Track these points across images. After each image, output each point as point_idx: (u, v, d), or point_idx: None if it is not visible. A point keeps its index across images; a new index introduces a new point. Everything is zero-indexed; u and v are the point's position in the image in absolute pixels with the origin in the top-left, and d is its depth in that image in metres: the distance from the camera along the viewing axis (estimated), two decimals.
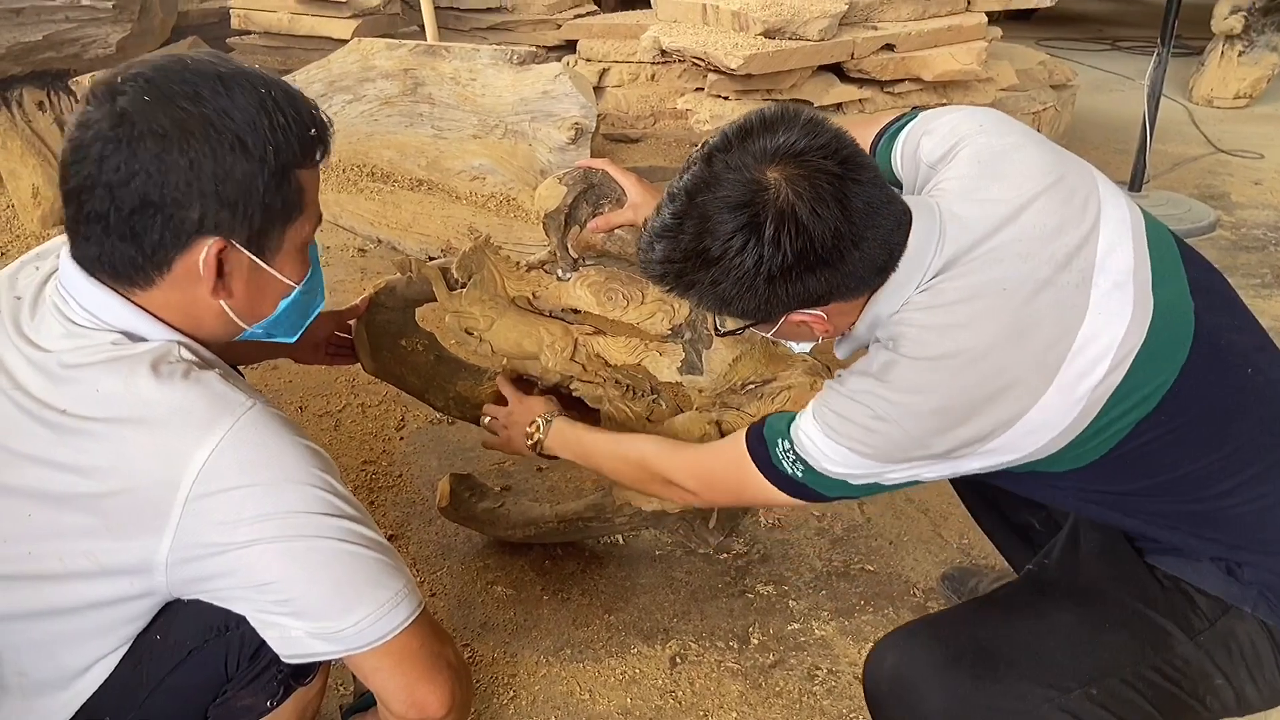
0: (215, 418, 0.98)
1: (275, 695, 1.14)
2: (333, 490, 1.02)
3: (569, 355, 1.68)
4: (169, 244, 1.00)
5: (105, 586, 1.00)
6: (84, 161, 0.97)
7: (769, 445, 1.23)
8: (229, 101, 0.99)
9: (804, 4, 3.35)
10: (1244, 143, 4.77)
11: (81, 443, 0.97)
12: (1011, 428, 1.09)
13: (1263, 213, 3.93)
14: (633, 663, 1.70)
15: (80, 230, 1.00)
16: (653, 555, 1.96)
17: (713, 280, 1.11)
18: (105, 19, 3.26)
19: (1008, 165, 1.17)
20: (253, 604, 1.00)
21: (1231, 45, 5.52)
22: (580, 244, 1.63)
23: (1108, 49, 7.01)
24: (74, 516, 0.97)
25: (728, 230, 1.07)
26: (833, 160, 1.07)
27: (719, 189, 1.08)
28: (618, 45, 4.63)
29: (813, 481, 1.19)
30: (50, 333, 1.02)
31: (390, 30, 4.92)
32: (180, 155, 0.97)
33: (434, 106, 3.81)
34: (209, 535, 0.97)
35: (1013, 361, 1.07)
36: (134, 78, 0.99)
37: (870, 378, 1.14)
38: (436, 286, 1.68)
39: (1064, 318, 1.08)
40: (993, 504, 1.63)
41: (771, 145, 1.08)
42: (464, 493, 1.92)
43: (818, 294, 1.12)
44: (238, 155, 0.99)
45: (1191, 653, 1.15)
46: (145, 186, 0.97)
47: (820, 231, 1.06)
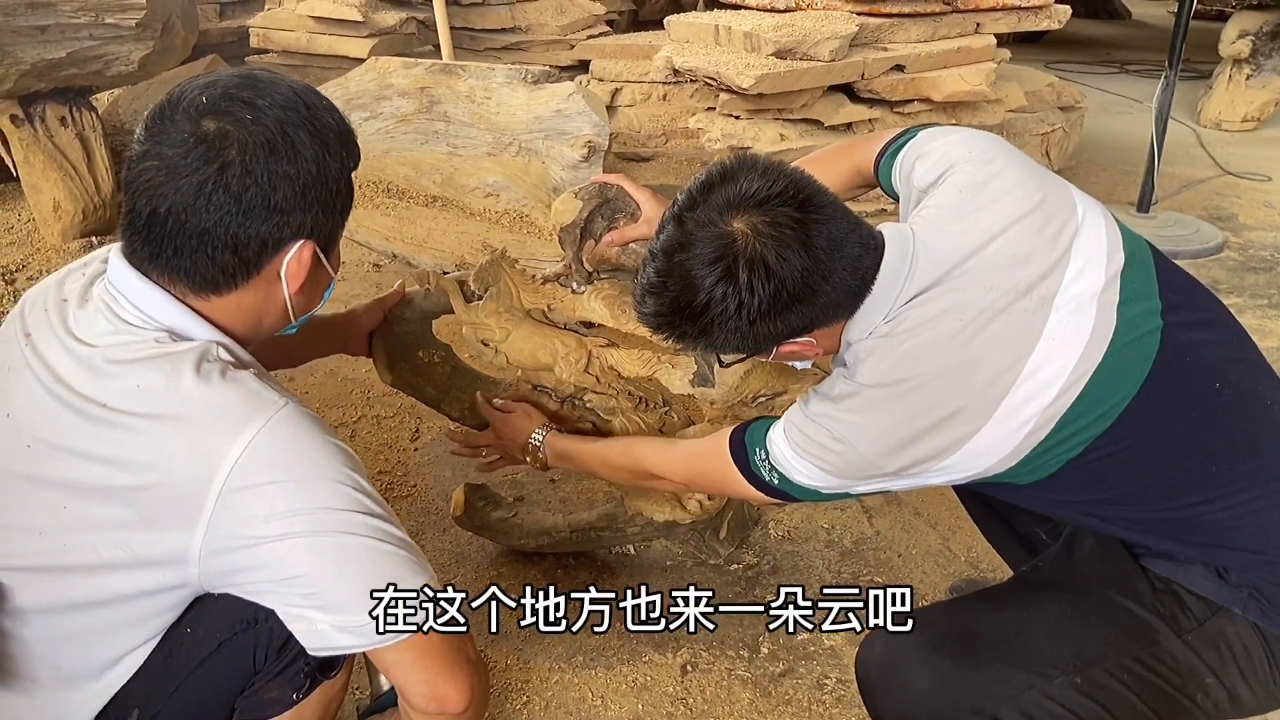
0: (250, 415, 1.01)
1: (301, 688, 1.16)
2: (361, 489, 1.05)
3: (583, 367, 1.71)
4: (269, 250, 1.06)
5: (140, 578, 1.03)
6: (180, 179, 1.01)
7: (748, 451, 1.30)
8: (307, 108, 1.06)
9: (815, 25, 3.40)
10: (1252, 165, 4.80)
11: (120, 436, 1.00)
12: (960, 449, 1.15)
13: (1271, 234, 3.95)
14: (644, 670, 1.72)
15: (171, 246, 1.04)
16: (664, 565, 1.98)
17: (702, 330, 1.19)
18: (128, 37, 3.31)
19: (987, 196, 1.22)
20: (281, 597, 1.03)
21: (1239, 69, 5.55)
22: (595, 257, 1.67)
23: (1116, 72, 7.05)
24: (110, 509, 1.00)
25: (707, 285, 1.14)
26: (792, 205, 1.14)
27: (693, 248, 1.15)
28: (630, 65, 4.69)
29: (786, 487, 1.27)
30: (95, 329, 1.06)
31: (406, 50, 4.99)
32: (288, 164, 1.03)
33: (449, 124, 3.86)
34: (241, 528, 1.00)
35: (956, 390, 1.14)
36: (217, 98, 1.03)
37: (829, 401, 1.22)
38: (453, 299, 1.71)
39: (1015, 346, 1.13)
40: (999, 516, 1.64)
41: (734, 195, 1.15)
42: (478, 502, 1.94)
43: (799, 325, 1.19)
44: (328, 158, 1.07)
45: (1179, 649, 1.17)
46: (255, 200, 1.02)
47: (789, 274, 1.13)
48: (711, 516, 1.78)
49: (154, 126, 1.04)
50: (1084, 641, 1.18)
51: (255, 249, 1.05)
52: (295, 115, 1.05)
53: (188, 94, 1.04)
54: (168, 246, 1.04)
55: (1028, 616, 1.23)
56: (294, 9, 5.06)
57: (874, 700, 1.24)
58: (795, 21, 3.45)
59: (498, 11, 5.27)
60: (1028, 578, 1.36)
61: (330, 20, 4.91)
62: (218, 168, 1.01)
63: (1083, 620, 1.20)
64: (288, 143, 1.03)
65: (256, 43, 5.19)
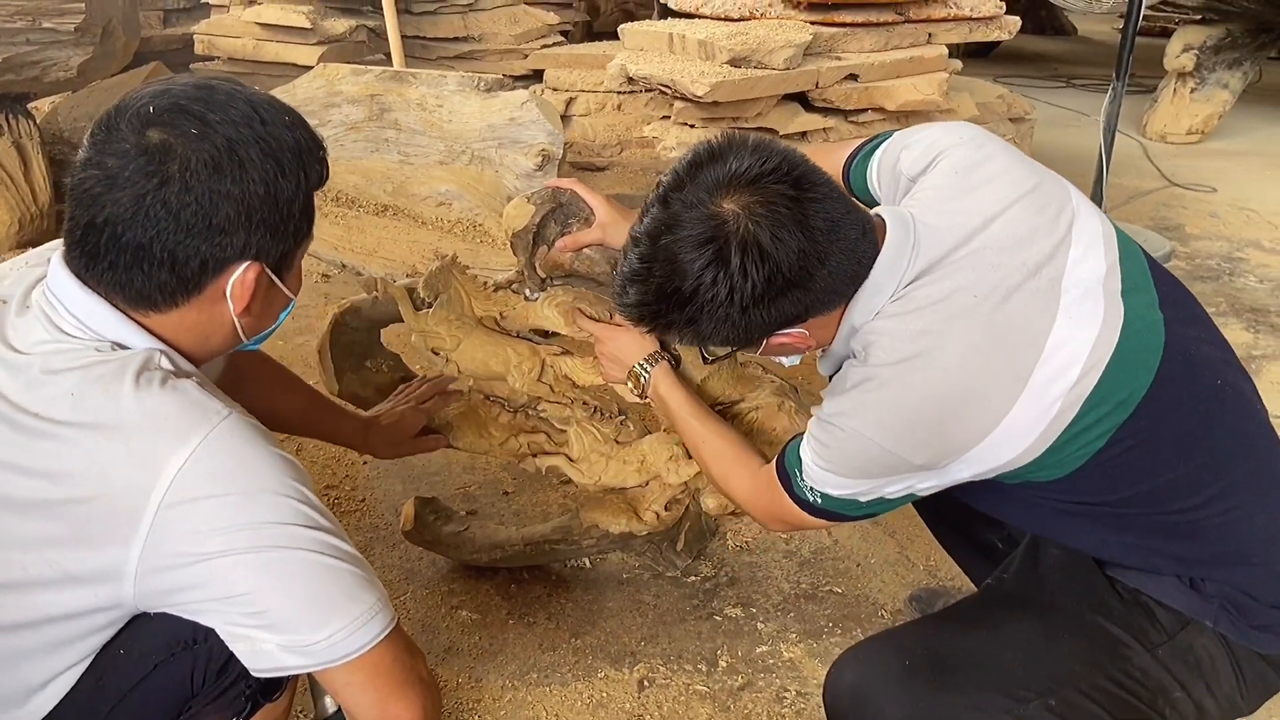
0: (191, 425, 0.96)
1: (242, 711, 1.11)
2: (307, 501, 1.01)
3: (536, 376, 1.67)
4: (210, 270, 1.01)
5: (70, 597, 0.97)
6: (118, 191, 0.96)
7: (790, 477, 1.24)
8: (265, 126, 1.01)
9: (770, 34, 3.39)
10: (1197, 177, 4.89)
11: (52, 447, 0.95)
12: (989, 435, 1.09)
13: (1216, 244, 4.02)
14: (600, 686, 1.67)
15: (106, 259, 0.99)
16: (620, 579, 1.94)
17: (689, 318, 1.12)
18: (67, 42, 3.24)
19: (982, 177, 1.19)
20: (223, 616, 0.98)
21: (1184, 83, 5.67)
22: (548, 264, 1.63)
23: (1063, 86, 7.17)
24: (39, 524, 0.95)
25: (696, 269, 1.08)
26: (786, 183, 1.08)
27: (680, 229, 1.09)
28: (584, 75, 4.67)
29: (830, 505, 1.21)
30: (32, 337, 1.01)
31: (356, 58, 4.92)
32: (233, 184, 0.98)
33: (400, 132, 3.80)
34: (181, 544, 0.94)
35: (983, 368, 1.08)
36: (165, 109, 0.98)
37: (844, 396, 1.15)
38: (403, 306, 1.66)
39: (1033, 324, 1.08)
40: (955, 525, 1.63)
41: (723, 174, 1.09)
42: (428, 516, 1.89)
43: (793, 314, 1.13)
44: (280, 180, 1.01)
45: (1149, 664, 1.15)
46: (194, 218, 0.97)
47: (785, 256, 1.07)
48: (668, 528, 1.75)
49: (98, 134, 0.99)
50: (1056, 661, 1.15)
51: (195, 268, 1.00)
52: (248, 132, 1.00)
53: (136, 102, 0.99)
54: (103, 259, 0.99)
55: (999, 637, 1.20)
56: (240, 16, 4.97)
57: None
58: (750, 30, 3.44)
59: (450, 20, 5.22)
60: (994, 593, 1.32)
61: (278, 27, 4.83)
62: (157, 182, 0.96)
63: (1054, 638, 1.17)
64: (235, 161, 0.98)
65: (201, 49, 5.09)
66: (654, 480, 1.67)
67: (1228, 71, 5.64)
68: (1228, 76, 5.64)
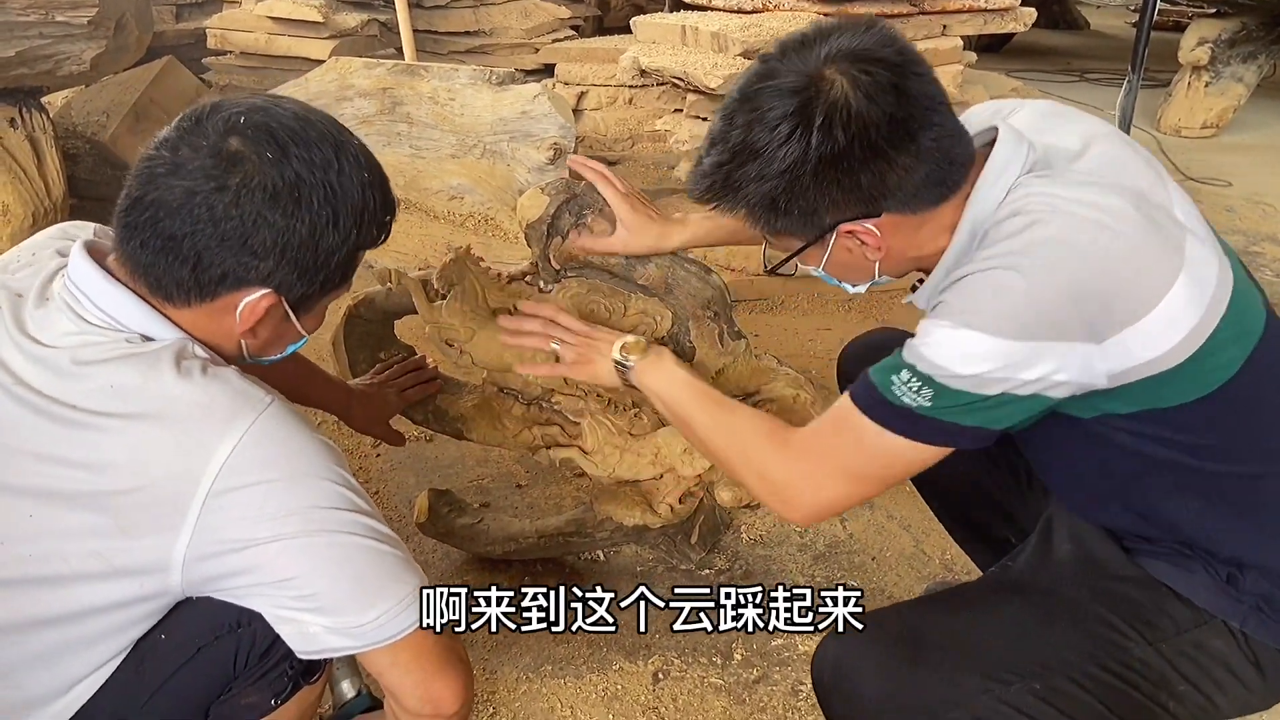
0: (237, 412, 0.98)
1: (282, 693, 1.12)
2: (349, 485, 1.03)
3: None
4: (228, 284, 1.02)
5: (114, 589, 0.98)
6: (174, 180, 0.98)
7: (882, 387, 1.10)
8: (339, 175, 1.02)
9: (782, 26, 3.38)
10: (1212, 171, 4.86)
11: (93, 438, 0.95)
12: (1152, 310, 1.03)
13: (1232, 238, 3.99)
14: (615, 679, 1.67)
15: (139, 238, 1.00)
16: (634, 571, 1.94)
17: (759, 175, 1.07)
18: (80, 36, 3.22)
19: (1066, 118, 1.19)
20: (271, 600, 0.99)
21: (1198, 76, 5.63)
22: (562, 255, 1.62)
23: (1075, 80, 7.13)
24: (82, 515, 0.95)
25: (776, 115, 1.04)
26: (891, 50, 1.05)
27: (774, 78, 1.06)
28: (595, 69, 4.66)
29: (942, 406, 1.06)
30: (57, 329, 1.01)
31: (367, 52, 4.92)
32: (281, 217, 0.99)
33: (412, 126, 3.80)
34: (230, 531, 0.96)
35: (1147, 243, 1.05)
36: (256, 125, 0.99)
37: (1005, 242, 1.06)
38: (417, 298, 1.66)
39: (1170, 231, 1.07)
40: (969, 521, 1.62)
41: (832, 49, 1.05)
42: (442, 508, 1.89)
43: (870, 193, 1.08)
44: (329, 230, 1.02)
45: (1150, 656, 1.13)
46: (233, 232, 0.98)
47: (875, 116, 1.03)
48: (682, 521, 1.75)
49: (186, 123, 1.01)
50: (1046, 647, 1.13)
51: (214, 277, 1.01)
52: (320, 177, 1.01)
53: (232, 107, 1.01)
54: (137, 235, 1.00)
55: (988, 620, 1.18)
56: (252, 10, 4.98)
57: (828, 706, 1.19)
58: (762, 22, 3.43)
59: (461, 14, 5.22)
60: (996, 578, 1.31)
61: (290, 21, 4.83)
62: (214, 186, 0.97)
63: (1047, 624, 1.15)
64: (293, 198, 0.99)
65: (214, 44, 5.10)
66: (668, 473, 1.67)
67: (1242, 65, 5.61)
68: (1242, 70, 5.61)
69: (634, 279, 1.59)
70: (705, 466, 1.63)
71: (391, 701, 1.12)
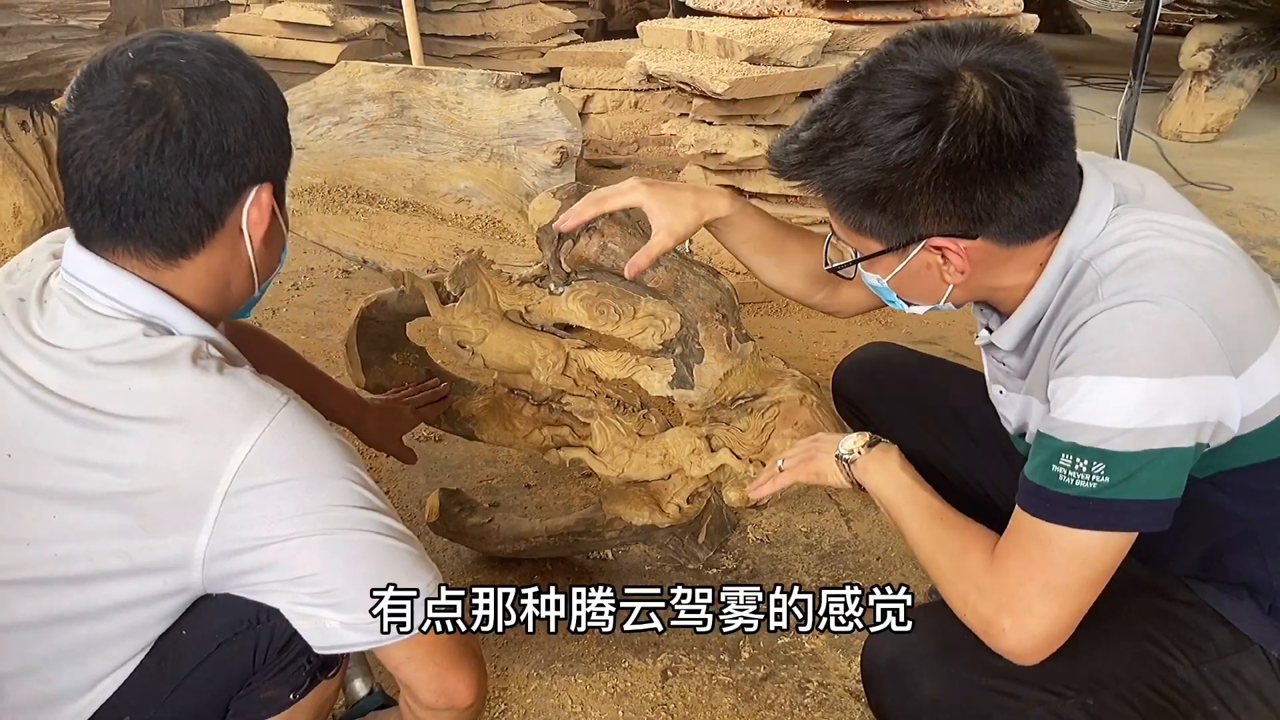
0: (253, 412, 0.99)
1: (300, 687, 1.14)
2: (364, 484, 1.04)
3: (560, 369, 1.69)
4: (229, 198, 1.02)
5: (138, 586, 1.00)
6: (127, 140, 0.96)
7: (1049, 484, 1.00)
8: (230, 52, 1.03)
9: (788, 32, 3.40)
10: (1213, 175, 4.87)
11: (115, 440, 0.96)
12: (1273, 340, 1.01)
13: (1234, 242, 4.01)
14: (624, 676, 1.69)
15: (131, 211, 0.99)
16: (642, 570, 1.96)
17: (866, 163, 1.00)
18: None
19: (1110, 161, 1.19)
20: (289, 596, 1.01)
21: (1199, 81, 5.65)
22: (573, 258, 1.65)
23: (1077, 85, 7.14)
24: (106, 515, 0.97)
25: (903, 105, 0.97)
26: (1041, 70, 0.99)
27: (905, 63, 0.98)
28: (601, 73, 4.69)
29: (1119, 480, 0.97)
30: (66, 328, 1.01)
31: (375, 56, 4.95)
32: (234, 103, 0.99)
33: (420, 129, 3.83)
34: (249, 530, 0.97)
35: (1253, 269, 1.06)
36: (141, 51, 0.99)
37: (1118, 279, 1.00)
38: (429, 300, 1.69)
39: None
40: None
41: (976, 52, 0.99)
42: (453, 508, 1.91)
43: (978, 213, 1.01)
44: (267, 94, 1.04)
45: (1193, 678, 1.12)
46: (209, 144, 0.98)
47: (1013, 133, 0.96)
48: (690, 521, 1.77)
49: (83, 92, 0.99)
50: (1101, 663, 1.11)
51: (216, 199, 1.01)
52: (224, 57, 1.02)
53: (112, 55, 1.00)
54: (128, 213, 0.99)
55: None
56: (261, 14, 5.01)
57: (879, 696, 1.19)
58: (768, 28, 3.45)
59: (468, 18, 5.25)
60: None
61: (298, 25, 4.87)
62: (162, 116, 0.96)
63: (1102, 641, 1.12)
64: (226, 82, 1.00)
65: None
66: (676, 473, 1.69)
67: (1243, 70, 5.62)
68: (1243, 75, 5.62)
69: (643, 281, 1.62)
70: (713, 467, 1.65)
71: (407, 695, 1.14)
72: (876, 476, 1.25)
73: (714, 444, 1.66)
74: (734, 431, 1.65)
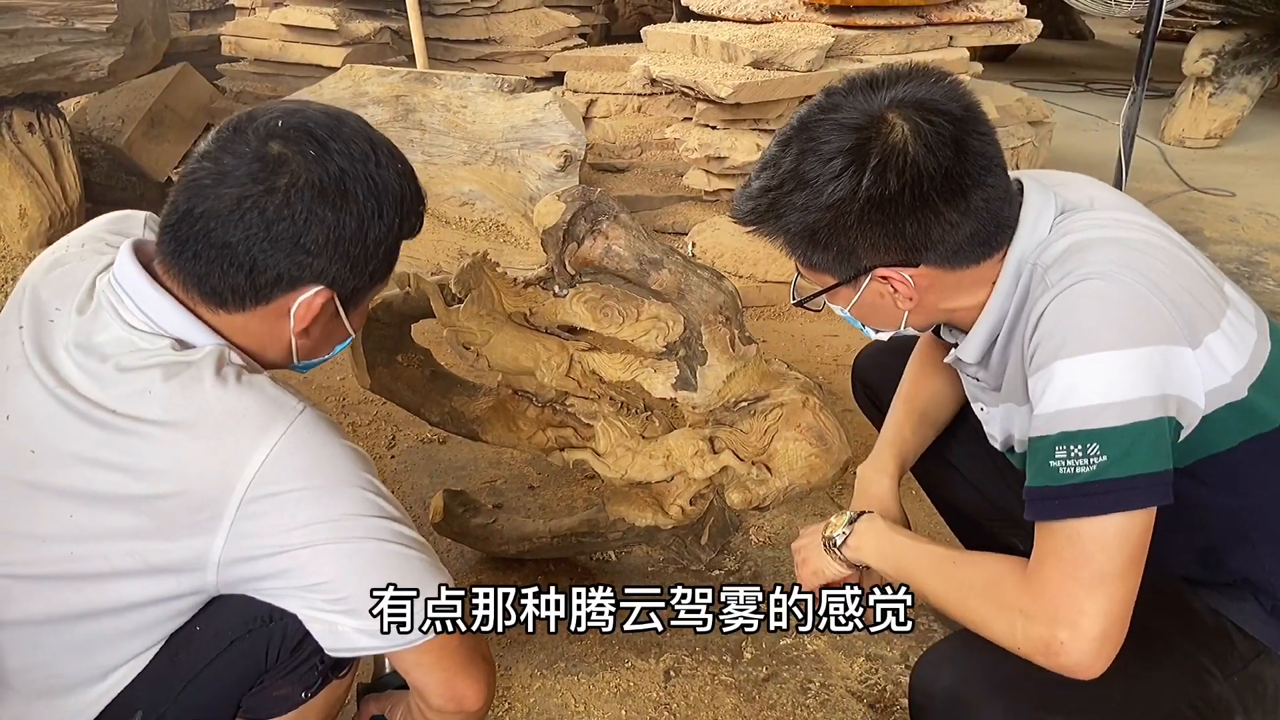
0: (270, 420, 1.00)
1: (312, 686, 1.15)
2: (378, 492, 1.05)
3: (564, 371, 1.70)
4: (283, 285, 1.04)
5: (152, 586, 1.01)
6: (225, 188, 1.00)
7: (1051, 481, 1.01)
8: (378, 168, 1.05)
9: (792, 36, 3.41)
10: (1215, 181, 4.88)
11: (132, 443, 0.98)
12: (1227, 312, 1.08)
13: (1234, 248, 4.02)
14: (627, 676, 1.70)
15: (192, 249, 1.02)
16: (645, 571, 1.97)
17: (804, 205, 1.07)
18: (98, 42, 3.27)
19: (1058, 177, 1.22)
20: (303, 601, 1.02)
21: (1202, 87, 5.66)
22: (577, 260, 1.66)
23: (1080, 90, 7.16)
24: (121, 516, 0.98)
25: (831, 149, 1.04)
26: (957, 105, 1.05)
27: (835, 112, 1.06)
28: (605, 77, 4.69)
29: (1116, 454, 0.97)
30: (104, 333, 1.03)
31: (380, 59, 4.96)
32: (330, 212, 1.02)
33: (424, 133, 3.84)
34: (264, 537, 0.99)
35: (1194, 268, 1.10)
36: (293, 126, 1.02)
37: (1065, 265, 1.05)
38: (434, 301, 1.70)
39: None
40: (978, 525, 1.65)
41: (899, 94, 1.06)
42: (457, 509, 1.92)
43: (912, 243, 1.07)
44: (375, 221, 1.05)
45: (1226, 691, 1.12)
46: (285, 232, 1.01)
47: (930, 167, 1.02)
48: (693, 522, 1.78)
49: (225, 134, 1.03)
50: (1152, 688, 1.08)
51: (270, 279, 1.04)
52: (361, 169, 1.04)
53: (268, 113, 1.04)
54: (190, 248, 1.02)
55: None
56: (266, 17, 5.02)
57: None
58: (772, 32, 3.46)
59: (472, 22, 5.26)
60: None
61: (303, 29, 4.88)
62: (263, 190, 1.00)
63: (1150, 664, 1.09)
64: (340, 192, 1.02)
65: (228, 50, 5.14)
66: (679, 475, 1.70)
67: (1246, 76, 5.64)
68: (1246, 81, 5.64)
69: (648, 284, 1.63)
70: (716, 469, 1.66)
71: (416, 698, 1.15)
72: (872, 550, 1.23)
73: (717, 446, 1.67)
74: (737, 434, 1.65)
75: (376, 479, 1.07)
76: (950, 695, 1.10)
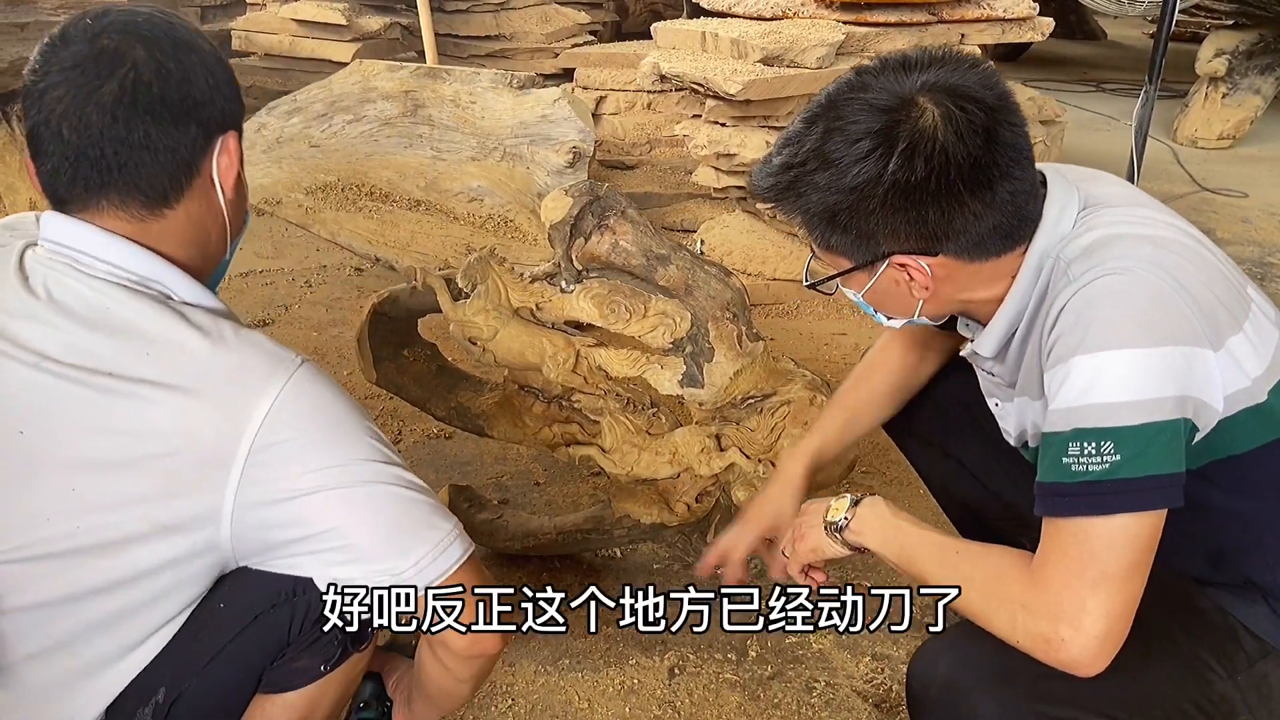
0: (271, 372, 1.02)
1: (331, 658, 1.15)
2: (379, 439, 1.07)
3: (571, 367, 1.70)
4: (201, 145, 1.05)
5: (165, 547, 1.01)
6: (95, 94, 0.98)
7: (1062, 478, 1.00)
8: (180, 18, 1.08)
9: (802, 33, 3.40)
10: (1228, 182, 4.85)
11: (135, 406, 0.98)
12: (1250, 313, 1.07)
13: (1249, 249, 3.99)
14: (631, 673, 1.70)
15: (116, 162, 1.00)
16: (650, 569, 1.96)
17: (826, 185, 1.05)
18: None
19: (1081, 172, 1.21)
20: (317, 558, 1.03)
21: (1215, 87, 5.62)
22: (584, 256, 1.65)
23: (1092, 90, 7.12)
24: (130, 480, 0.98)
25: (858, 130, 1.02)
26: (991, 93, 1.03)
27: (864, 92, 1.04)
28: (615, 74, 4.69)
29: (1130, 454, 0.96)
30: (68, 296, 1.01)
31: (390, 55, 4.97)
32: (194, 54, 1.04)
33: (433, 128, 3.84)
34: (273, 484, 1.00)
35: (1219, 268, 1.09)
36: (102, 13, 1.02)
37: (1089, 260, 1.04)
38: (441, 296, 1.69)
39: None
40: (984, 523, 1.64)
41: (931, 78, 1.04)
42: (462, 504, 1.92)
43: (933, 232, 1.05)
44: (217, 51, 1.09)
45: (1229, 690, 1.11)
46: (175, 93, 1.01)
47: (959, 155, 1.01)
48: (699, 519, 1.77)
49: (48, 59, 1.00)
50: (1150, 683, 1.08)
51: (190, 147, 1.04)
52: (174, 17, 1.07)
53: (71, 24, 1.03)
54: (112, 165, 1.00)
55: None
56: (277, 12, 5.04)
57: (926, 718, 1.15)
58: (782, 29, 3.45)
59: (482, 18, 5.27)
60: None
61: (313, 24, 4.89)
62: (129, 69, 0.99)
63: (1149, 659, 1.08)
64: (182, 36, 1.04)
65: (238, 46, 5.16)
66: (685, 472, 1.69)
67: (1260, 77, 5.60)
68: (1260, 82, 5.60)
69: (655, 280, 1.62)
70: (722, 466, 1.65)
71: (433, 646, 1.15)
72: (874, 534, 1.20)
73: (723, 443, 1.66)
74: (743, 431, 1.65)
75: (375, 427, 1.09)
76: (946, 684, 1.10)
